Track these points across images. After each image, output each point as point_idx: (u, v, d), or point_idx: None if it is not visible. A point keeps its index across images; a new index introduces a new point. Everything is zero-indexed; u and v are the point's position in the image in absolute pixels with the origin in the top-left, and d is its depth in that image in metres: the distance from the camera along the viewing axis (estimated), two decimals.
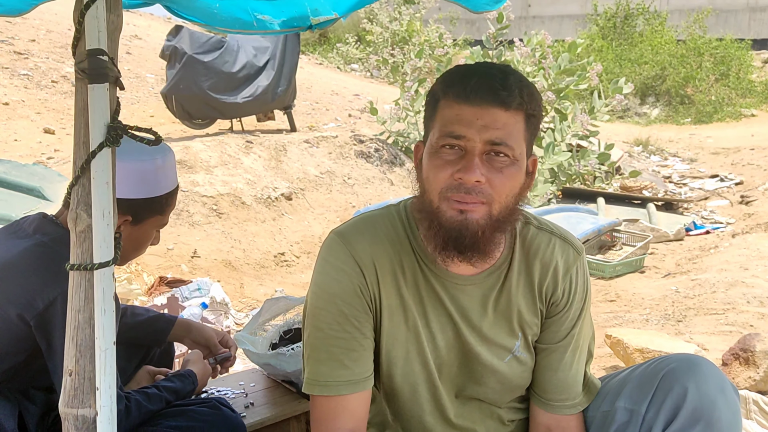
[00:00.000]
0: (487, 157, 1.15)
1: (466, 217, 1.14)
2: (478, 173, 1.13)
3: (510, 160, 1.16)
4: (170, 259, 4.47)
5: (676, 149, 11.39)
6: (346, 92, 12.72)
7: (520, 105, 1.15)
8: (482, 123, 1.13)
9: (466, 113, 1.14)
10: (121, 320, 1.78)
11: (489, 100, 1.13)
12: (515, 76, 1.17)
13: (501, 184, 1.15)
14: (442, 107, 1.18)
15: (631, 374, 1.36)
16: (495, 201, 1.16)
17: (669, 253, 5.78)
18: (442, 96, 1.19)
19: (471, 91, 1.14)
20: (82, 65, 1.16)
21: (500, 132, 1.14)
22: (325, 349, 1.23)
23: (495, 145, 1.14)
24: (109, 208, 1.18)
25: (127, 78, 10.13)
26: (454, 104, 1.16)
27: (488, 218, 1.16)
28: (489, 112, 1.13)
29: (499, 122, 1.14)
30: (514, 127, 1.15)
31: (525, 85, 1.17)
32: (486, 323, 1.29)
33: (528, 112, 1.17)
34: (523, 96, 1.15)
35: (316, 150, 6.82)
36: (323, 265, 1.26)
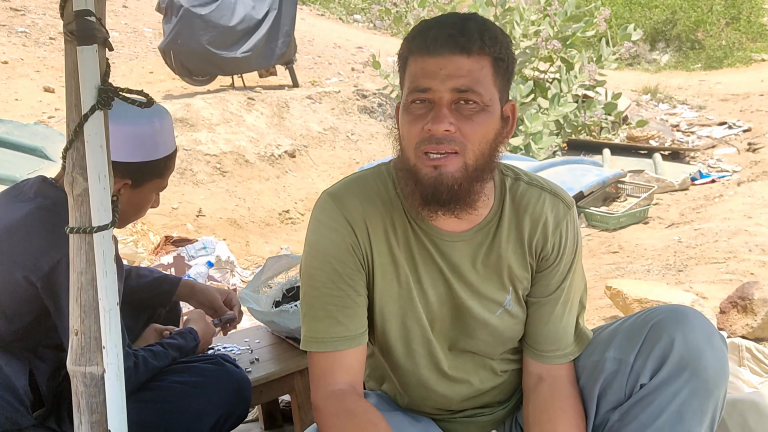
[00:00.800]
0: (456, 106, 1.14)
1: (441, 172, 1.15)
2: (446, 122, 1.12)
3: (479, 107, 1.15)
4: (175, 218, 4.50)
5: (685, 96, 11.22)
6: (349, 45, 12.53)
7: (482, 49, 1.14)
8: (446, 72, 1.13)
9: (429, 65, 1.14)
10: (126, 282, 1.81)
11: (449, 48, 1.12)
12: (476, 21, 1.16)
13: (472, 131, 1.15)
14: (409, 64, 1.18)
15: (621, 325, 1.37)
16: (468, 149, 1.16)
17: (674, 203, 5.77)
18: (408, 53, 1.19)
19: (431, 42, 1.13)
20: (70, 27, 1.15)
21: (465, 79, 1.13)
22: (321, 307, 1.25)
23: (461, 92, 1.13)
24: (104, 171, 1.19)
25: (125, 33, 10.01)
26: (418, 58, 1.16)
27: (464, 169, 1.16)
28: (451, 60, 1.13)
29: (463, 69, 1.13)
30: (480, 73, 1.14)
31: (487, 28, 1.15)
32: (477, 278, 1.31)
33: (494, 55, 1.16)
34: (484, 40, 1.13)
35: (318, 106, 6.77)
36: (316, 225, 1.28)
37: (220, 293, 1.98)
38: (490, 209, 1.31)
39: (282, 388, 1.87)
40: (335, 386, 1.24)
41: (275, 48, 7.43)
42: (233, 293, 2.02)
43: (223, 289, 2.03)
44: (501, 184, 1.33)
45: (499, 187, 1.33)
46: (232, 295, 1.99)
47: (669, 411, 1.22)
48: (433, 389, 1.39)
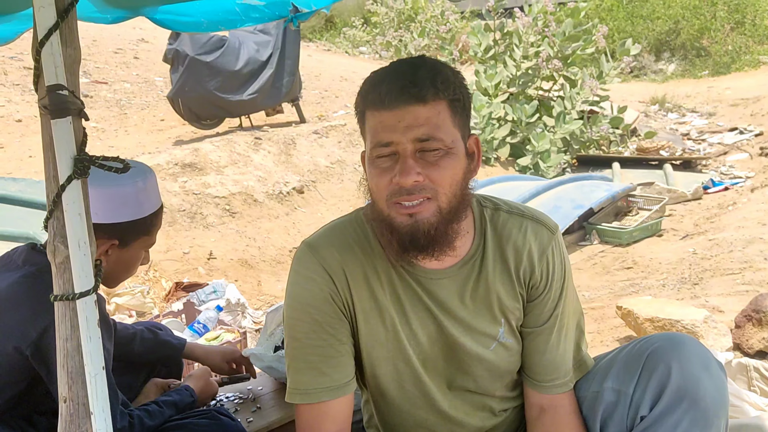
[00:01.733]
0: (420, 154, 1.15)
1: (416, 220, 1.16)
2: (414, 174, 1.14)
3: (443, 151, 1.16)
4: (187, 263, 4.54)
5: (694, 104, 11.15)
6: (355, 77, 12.66)
7: (436, 95, 1.15)
8: (404, 124, 1.14)
9: (387, 119, 1.15)
10: (131, 346, 1.83)
11: (404, 99, 1.14)
12: (426, 67, 1.17)
13: (440, 176, 1.16)
14: (367, 118, 1.20)
15: (618, 355, 1.36)
16: (440, 193, 1.17)
17: (687, 214, 5.70)
18: (364, 107, 1.21)
19: (385, 95, 1.15)
20: (43, 102, 1.19)
21: (424, 128, 1.14)
22: (303, 358, 1.25)
23: (423, 141, 1.14)
24: (84, 239, 1.21)
25: (136, 83, 10.22)
26: (375, 113, 1.17)
27: (438, 213, 1.17)
28: (407, 111, 1.14)
29: (421, 118, 1.14)
30: (438, 118, 1.15)
31: (438, 72, 1.17)
32: (467, 313, 1.30)
33: (449, 98, 1.17)
34: (437, 85, 1.15)
35: (325, 140, 6.83)
36: (294, 276, 1.29)
37: (224, 355, 1.99)
38: (472, 242, 1.31)
39: None
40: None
41: (281, 87, 7.53)
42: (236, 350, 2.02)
43: (229, 349, 2.04)
44: (480, 216, 1.33)
45: (479, 219, 1.33)
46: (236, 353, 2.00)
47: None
48: (433, 430, 1.38)
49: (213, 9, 2.19)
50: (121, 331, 1.83)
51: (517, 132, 7.27)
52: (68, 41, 1.21)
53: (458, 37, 8.71)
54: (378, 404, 1.39)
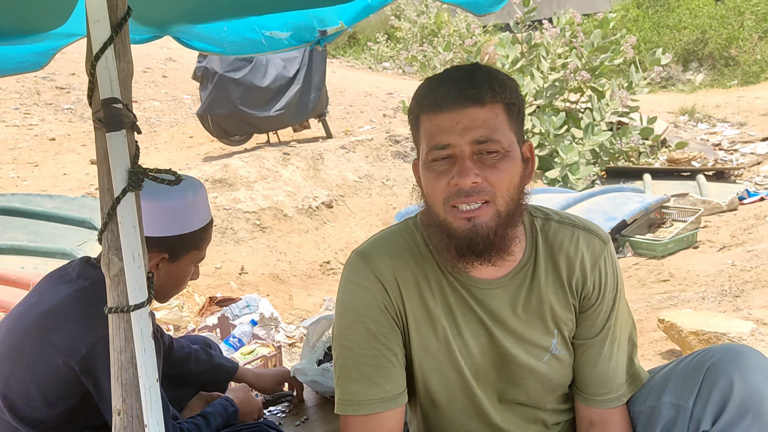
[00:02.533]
0: (478, 157, 1.15)
1: (475, 224, 1.15)
2: (472, 175, 1.13)
3: (501, 154, 1.16)
4: (219, 278, 4.56)
5: (724, 114, 10.99)
6: (380, 92, 12.73)
7: (494, 97, 1.14)
8: (462, 126, 1.13)
9: (444, 121, 1.15)
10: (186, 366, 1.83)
11: (461, 101, 1.13)
12: (482, 71, 1.17)
13: (498, 178, 1.15)
14: (422, 122, 1.19)
15: (676, 368, 1.33)
16: (498, 196, 1.16)
17: (723, 225, 5.59)
18: (419, 112, 1.20)
19: (442, 98, 1.14)
20: (98, 115, 1.20)
21: (482, 129, 1.14)
22: (356, 368, 1.24)
23: (481, 143, 1.14)
24: (138, 251, 1.22)
25: (165, 101, 10.39)
26: (432, 116, 1.17)
27: (496, 217, 1.16)
28: (465, 113, 1.14)
29: (478, 120, 1.14)
30: (496, 120, 1.15)
31: (494, 76, 1.17)
32: (519, 324, 1.28)
33: (506, 101, 1.16)
34: (494, 88, 1.14)
35: (352, 155, 6.85)
36: (346, 284, 1.28)
37: (277, 376, 1.99)
38: (524, 252, 1.30)
39: None
40: None
41: (308, 103, 7.60)
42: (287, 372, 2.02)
43: (281, 370, 2.05)
44: (531, 226, 1.32)
45: (530, 229, 1.31)
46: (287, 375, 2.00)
47: None
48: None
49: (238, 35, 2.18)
50: (178, 350, 1.83)
51: (545, 144, 7.23)
52: (122, 55, 1.22)
53: (483, 51, 8.71)
54: (427, 416, 1.37)
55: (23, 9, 1.62)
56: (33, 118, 8.65)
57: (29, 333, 1.42)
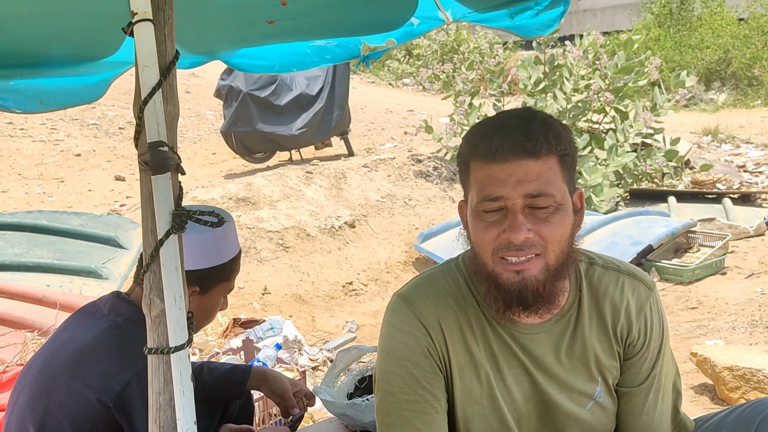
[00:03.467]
0: (530, 210, 1.13)
1: (524, 277, 1.13)
2: (524, 230, 1.11)
3: (554, 207, 1.13)
4: (242, 298, 4.57)
5: (749, 135, 10.86)
6: (400, 109, 12.78)
7: (549, 150, 1.12)
8: (515, 179, 1.11)
9: (497, 172, 1.12)
10: (199, 378, 1.83)
11: (516, 154, 1.11)
12: (537, 121, 1.14)
13: (550, 233, 1.13)
14: (473, 169, 1.17)
15: (726, 418, 1.30)
16: (549, 250, 1.14)
17: (751, 251, 5.50)
18: (470, 158, 1.18)
19: (497, 149, 1.12)
20: (144, 158, 1.20)
21: (536, 183, 1.11)
22: (398, 414, 1.22)
23: (534, 197, 1.12)
24: (180, 293, 1.21)
25: (188, 117, 10.50)
26: (484, 165, 1.14)
27: (546, 270, 1.15)
28: (519, 165, 1.11)
29: (533, 173, 1.12)
30: (550, 173, 1.13)
31: (549, 126, 1.14)
32: (563, 370, 1.26)
33: (560, 153, 1.14)
34: (549, 140, 1.12)
35: (375, 174, 6.86)
36: (389, 328, 1.26)
37: (292, 384, 1.97)
38: (567, 298, 1.28)
39: None
40: None
41: (330, 121, 7.65)
42: (304, 386, 2.01)
43: (295, 380, 2.03)
44: (576, 271, 1.29)
45: (574, 273, 1.29)
46: (304, 389, 1.98)
47: None
48: None
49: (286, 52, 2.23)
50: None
51: None
52: (169, 98, 1.23)
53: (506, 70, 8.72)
54: None
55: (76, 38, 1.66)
56: (59, 133, 8.78)
57: (62, 371, 1.42)
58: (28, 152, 7.99)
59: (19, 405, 1.47)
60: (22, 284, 4.09)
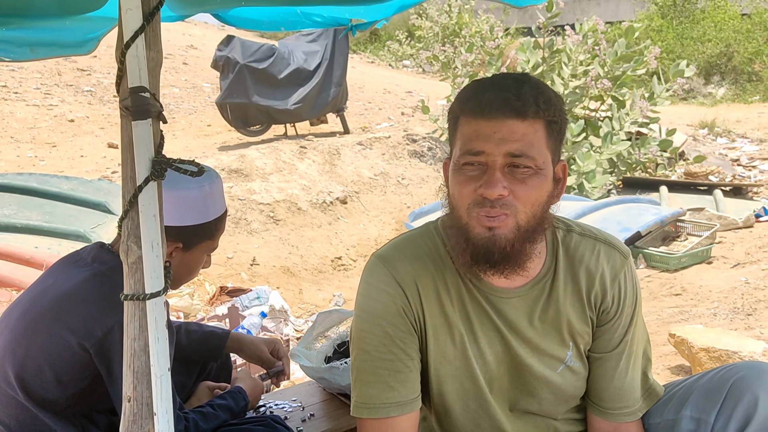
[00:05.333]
0: (509, 169, 1.13)
1: (494, 233, 1.14)
2: (500, 187, 1.12)
3: (533, 170, 1.14)
4: (230, 268, 4.58)
5: (744, 130, 10.89)
6: (399, 90, 12.73)
7: (536, 113, 1.13)
8: (500, 136, 1.12)
9: (483, 128, 1.13)
10: (177, 339, 1.84)
11: (504, 112, 1.12)
12: (530, 84, 1.15)
13: (525, 194, 1.14)
14: (461, 124, 1.18)
15: (697, 382, 1.32)
16: (520, 212, 1.15)
17: (738, 242, 5.54)
18: (460, 113, 1.19)
19: (486, 105, 1.13)
20: (125, 103, 1.20)
21: (519, 143, 1.12)
22: (372, 372, 1.24)
23: (515, 157, 1.12)
24: (157, 240, 1.22)
25: (184, 88, 10.44)
26: (472, 120, 1.15)
27: (516, 231, 1.15)
28: (505, 124, 1.12)
29: (517, 133, 1.12)
30: (534, 137, 1.13)
31: (541, 91, 1.15)
32: (535, 334, 1.28)
33: (547, 119, 1.15)
34: (539, 104, 1.13)
35: (369, 152, 6.85)
36: (366, 287, 1.27)
37: (267, 344, 1.98)
38: (544, 263, 1.29)
39: None
40: None
41: (327, 97, 7.61)
42: (280, 343, 2.02)
43: (270, 339, 2.04)
44: (553, 237, 1.31)
45: (551, 240, 1.31)
46: (278, 344, 1.99)
47: None
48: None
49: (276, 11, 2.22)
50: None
51: (562, 151, 7.17)
52: (152, 44, 1.23)
53: (505, 54, 8.68)
54: (441, 422, 1.37)
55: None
56: (53, 98, 8.72)
57: (45, 314, 1.43)
58: (22, 116, 7.94)
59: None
60: (10, 245, 4.09)
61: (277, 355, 1.96)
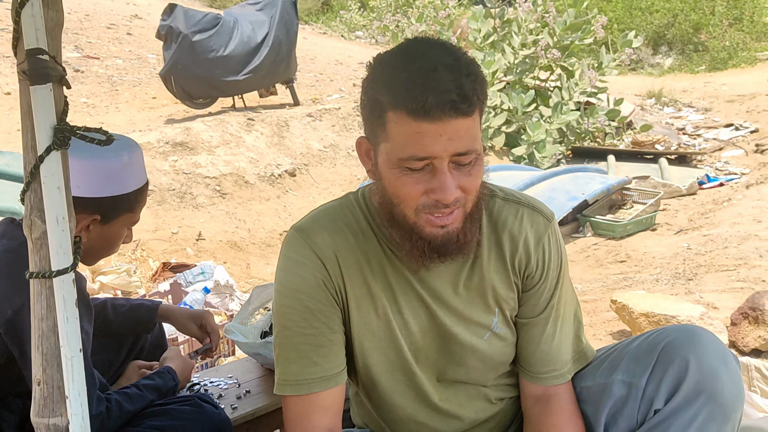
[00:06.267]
0: (454, 166, 1.09)
1: (448, 230, 1.12)
2: (454, 190, 1.08)
3: (475, 159, 1.11)
4: (175, 243, 4.47)
5: (690, 99, 11.12)
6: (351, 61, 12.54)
7: (476, 105, 1.08)
8: (447, 138, 1.05)
9: (427, 130, 1.05)
10: (103, 314, 1.76)
11: (450, 114, 1.04)
12: (469, 77, 1.06)
13: (472, 185, 1.12)
14: (392, 120, 1.08)
15: (629, 346, 1.31)
16: (468, 201, 1.13)
17: (681, 209, 5.68)
18: (389, 107, 1.08)
19: (430, 108, 1.04)
20: (22, 66, 1.11)
21: (464, 140, 1.07)
22: (294, 347, 1.20)
23: (461, 155, 1.08)
24: (63, 214, 1.14)
25: (128, 60, 10.07)
26: (411, 121, 1.05)
27: (465, 218, 1.14)
28: (450, 124, 1.05)
29: (462, 130, 1.06)
30: (474, 127, 1.09)
31: (476, 77, 1.08)
32: (460, 302, 1.26)
33: (482, 106, 1.11)
34: (478, 95, 1.07)
35: (319, 123, 6.75)
36: (284, 261, 1.23)
37: (194, 318, 1.91)
38: None
39: (270, 424, 1.81)
40: (312, 431, 1.19)
41: (275, 68, 7.43)
42: (208, 316, 1.94)
43: (198, 312, 1.96)
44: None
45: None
46: (207, 318, 1.91)
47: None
48: (423, 423, 1.33)
49: None
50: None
51: (512, 121, 7.21)
52: (50, 3, 1.13)
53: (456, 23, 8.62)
54: (369, 395, 1.34)
55: None
56: None
57: None
58: None
59: None
60: None
61: (205, 330, 1.90)
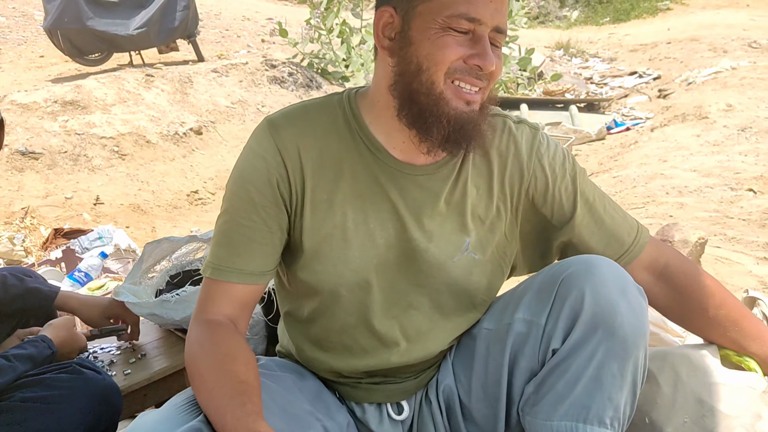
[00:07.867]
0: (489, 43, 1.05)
1: (472, 109, 1.05)
2: (494, 61, 1.03)
3: (501, 44, 1.08)
4: (70, 209, 4.13)
5: (597, 50, 11.39)
6: (259, 17, 12.05)
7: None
8: (494, 7, 1.03)
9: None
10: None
11: None
12: None
13: (498, 69, 1.06)
14: None
15: (532, 282, 1.18)
16: (488, 88, 1.07)
17: (592, 153, 5.79)
18: None
19: None
20: None
21: (504, 18, 1.04)
22: (227, 233, 1.12)
23: (498, 33, 1.05)
24: None
25: (12, 17, 9.26)
26: None
27: (483, 107, 1.07)
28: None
29: (503, 7, 1.04)
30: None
31: None
32: (437, 217, 1.14)
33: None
34: None
35: (225, 79, 6.41)
36: (247, 150, 1.14)
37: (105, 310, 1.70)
38: None
39: (171, 387, 1.64)
40: (213, 315, 1.11)
41: (173, 21, 6.97)
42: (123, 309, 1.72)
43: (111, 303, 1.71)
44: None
45: None
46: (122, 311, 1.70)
47: (586, 377, 1.04)
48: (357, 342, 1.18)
49: None
50: None
51: None
52: None
53: None
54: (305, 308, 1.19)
55: None
56: None
57: None
58: None
59: None
60: None
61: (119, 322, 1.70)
